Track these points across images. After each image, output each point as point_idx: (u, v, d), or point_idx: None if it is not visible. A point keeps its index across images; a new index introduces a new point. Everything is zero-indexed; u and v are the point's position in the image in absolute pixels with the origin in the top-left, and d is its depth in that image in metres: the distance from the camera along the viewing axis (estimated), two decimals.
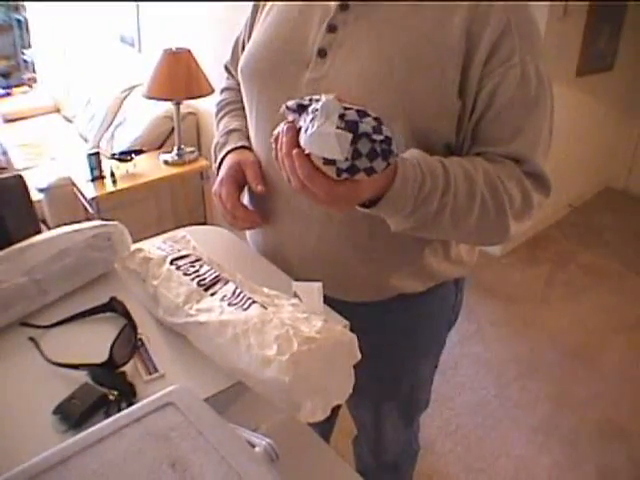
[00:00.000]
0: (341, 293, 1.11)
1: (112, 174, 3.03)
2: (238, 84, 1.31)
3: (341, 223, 1.08)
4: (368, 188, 0.85)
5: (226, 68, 1.43)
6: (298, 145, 0.79)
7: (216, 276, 0.89)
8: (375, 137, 0.74)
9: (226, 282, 0.87)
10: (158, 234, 1.13)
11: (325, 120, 0.74)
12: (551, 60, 3.43)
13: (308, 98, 0.80)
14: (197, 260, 0.94)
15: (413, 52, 0.98)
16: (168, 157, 3.28)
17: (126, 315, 0.91)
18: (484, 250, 3.97)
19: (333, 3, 1.03)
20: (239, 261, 1.09)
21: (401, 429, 1.51)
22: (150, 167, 3.22)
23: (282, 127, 0.83)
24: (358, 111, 0.75)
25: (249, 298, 0.82)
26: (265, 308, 0.79)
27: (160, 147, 3.51)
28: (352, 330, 0.93)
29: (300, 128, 0.79)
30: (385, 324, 1.23)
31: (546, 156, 1.05)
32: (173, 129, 3.36)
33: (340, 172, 0.76)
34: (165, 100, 3.12)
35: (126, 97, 3.97)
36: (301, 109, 0.80)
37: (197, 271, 0.90)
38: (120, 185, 3.02)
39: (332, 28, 1.03)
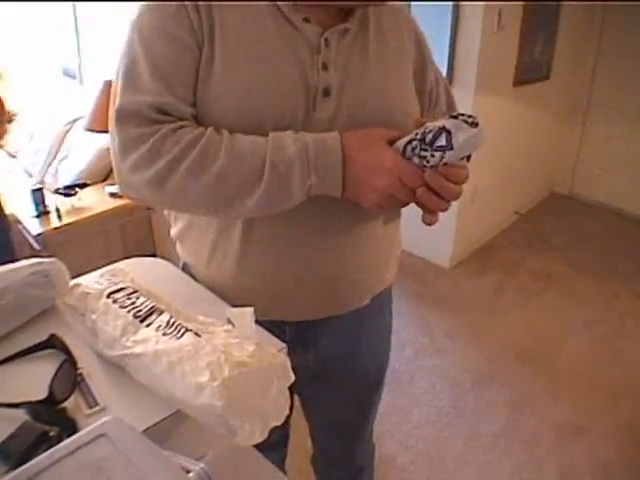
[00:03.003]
0: (338, 306, 1.23)
1: (57, 209, 3.01)
2: (180, 126, 1.00)
3: (355, 236, 1.16)
4: None
5: (160, 111, 1.00)
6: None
7: (151, 307, 0.90)
8: None
9: (161, 312, 0.89)
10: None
11: (462, 129, 0.89)
12: (487, 72, 3.54)
13: (415, 132, 0.95)
14: (134, 292, 0.95)
15: (399, 78, 1.16)
16: (114, 189, 3.26)
17: (66, 351, 0.92)
18: (434, 262, 4.04)
19: (315, 37, 1.05)
20: (177, 291, 1.10)
21: (372, 424, 1.61)
22: (96, 200, 3.21)
23: (417, 175, 0.95)
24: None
25: (183, 327, 0.84)
26: (199, 336, 0.81)
27: (105, 179, 3.50)
28: (336, 343, 1.12)
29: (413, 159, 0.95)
30: (370, 322, 1.34)
31: None
32: None
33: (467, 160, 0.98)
34: (106, 132, 3.09)
35: (69, 130, 3.94)
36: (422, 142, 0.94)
37: (133, 303, 0.91)
38: (66, 220, 3.00)
39: (325, 66, 1.05)
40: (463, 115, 0.91)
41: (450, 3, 3.48)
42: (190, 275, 1.22)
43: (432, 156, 0.91)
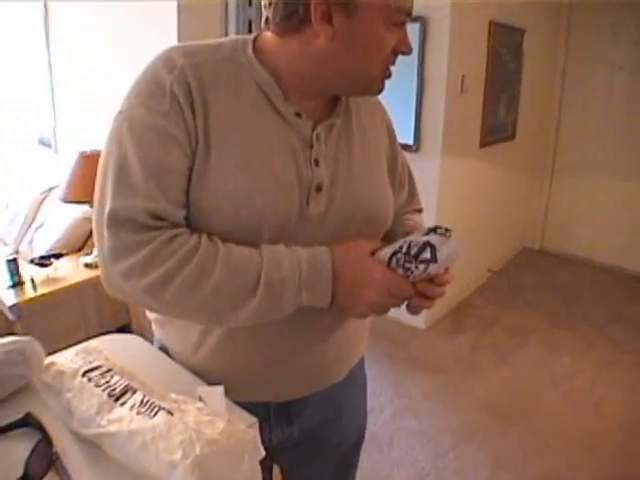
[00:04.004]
0: (319, 384, 1.25)
1: (32, 280, 3.00)
2: (175, 235, 0.97)
3: (336, 320, 1.18)
4: None
5: (155, 216, 0.97)
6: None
7: (125, 386, 0.93)
8: None
9: (135, 391, 0.91)
10: (83, 339, 1.16)
11: (445, 244, 0.99)
12: (453, 134, 3.66)
13: (399, 245, 1.02)
14: (108, 371, 0.97)
15: (379, 170, 1.22)
16: (88, 259, 3.26)
17: (41, 429, 0.93)
18: (409, 324, 4.05)
19: (307, 132, 1.07)
20: (151, 368, 1.12)
21: None
22: (71, 270, 3.20)
23: (405, 287, 1.03)
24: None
25: (156, 406, 0.86)
26: (172, 414, 0.84)
27: (80, 249, 3.49)
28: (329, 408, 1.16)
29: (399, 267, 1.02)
30: (348, 387, 1.36)
31: None
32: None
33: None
34: (82, 203, 3.13)
35: (44, 199, 3.96)
36: (407, 255, 1.01)
37: (108, 382, 0.94)
38: (41, 290, 2.97)
39: (317, 162, 1.08)
40: (440, 228, 1.01)
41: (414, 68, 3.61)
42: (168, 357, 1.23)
43: (416, 268, 0.99)
